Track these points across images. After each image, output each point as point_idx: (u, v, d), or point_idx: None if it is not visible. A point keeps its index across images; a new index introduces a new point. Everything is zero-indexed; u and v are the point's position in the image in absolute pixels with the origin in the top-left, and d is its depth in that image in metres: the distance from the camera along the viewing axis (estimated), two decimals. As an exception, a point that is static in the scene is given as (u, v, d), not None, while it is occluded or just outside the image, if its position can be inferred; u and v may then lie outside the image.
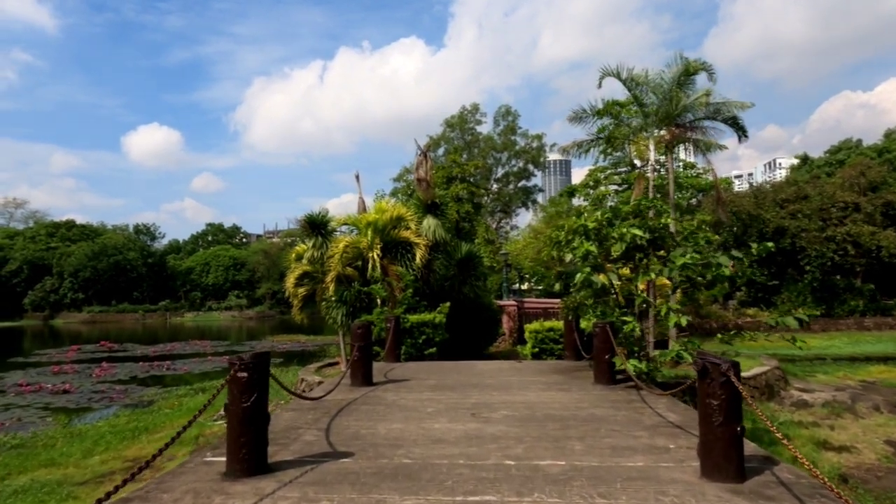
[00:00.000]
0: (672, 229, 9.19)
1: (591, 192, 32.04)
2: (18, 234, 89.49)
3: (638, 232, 8.37)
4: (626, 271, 9.66)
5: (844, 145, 47.84)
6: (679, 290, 9.65)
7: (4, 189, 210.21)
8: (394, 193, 40.05)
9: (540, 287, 51.44)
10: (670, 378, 10.69)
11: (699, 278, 8.65)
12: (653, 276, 8.62)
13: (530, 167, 53.63)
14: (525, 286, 50.44)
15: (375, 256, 12.28)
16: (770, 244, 8.44)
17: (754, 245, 8.39)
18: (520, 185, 54.20)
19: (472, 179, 32.46)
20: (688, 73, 13.43)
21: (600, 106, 14.08)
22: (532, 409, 6.45)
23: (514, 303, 20.43)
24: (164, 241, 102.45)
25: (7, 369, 25.16)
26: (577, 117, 14.40)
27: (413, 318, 11.56)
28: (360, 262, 13.18)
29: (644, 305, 8.98)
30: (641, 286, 9.11)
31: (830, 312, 31.64)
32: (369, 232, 12.74)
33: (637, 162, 32.72)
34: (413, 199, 15.98)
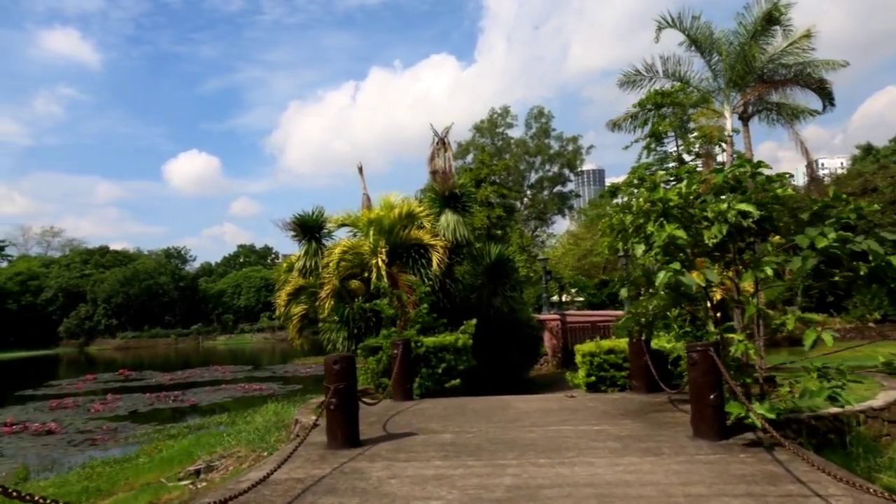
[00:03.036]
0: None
1: (636, 191, 29.07)
2: (54, 263, 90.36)
3: (748, 208, 5.62)
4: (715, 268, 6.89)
5: (914, 132, 43.65)
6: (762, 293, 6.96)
7: (52, 220, 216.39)
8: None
9: (581, 299, 48.04)
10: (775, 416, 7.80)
11: (840, 275, 5.87)
12: (769, 271, 5.83)
13: (566, 171, 50.45)
14: (565, 297, 47.15)
15: (380, 263, 9.62)
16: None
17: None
18: (555, 190, 51.04)
19: (502, 182, 29.69)
20: (770, 21, 10.61)
21: (659, 65, 11.27)
22: (609, 503, 3.71)
23: (556, 317, 17.55)
24: (197, 265, 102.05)
25: (9, 404, 23.46)
26: (630, 81, 11.60)
27: (429, 340, 8.85)
28: (366, 273, 10.60)
29: (756, 316, 6.15)
30: (748, 288, 6.34)
31: (910, 316, 28.03)
32: (372, 233, 10.09)
33: (686, 157, 29.65)
34: (427, 192, 13.19)
